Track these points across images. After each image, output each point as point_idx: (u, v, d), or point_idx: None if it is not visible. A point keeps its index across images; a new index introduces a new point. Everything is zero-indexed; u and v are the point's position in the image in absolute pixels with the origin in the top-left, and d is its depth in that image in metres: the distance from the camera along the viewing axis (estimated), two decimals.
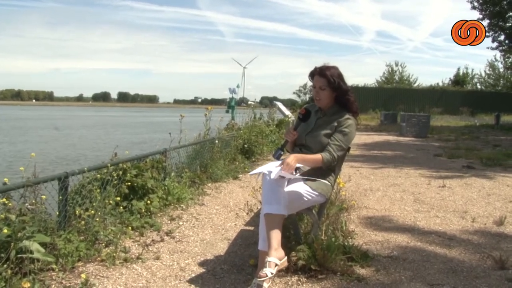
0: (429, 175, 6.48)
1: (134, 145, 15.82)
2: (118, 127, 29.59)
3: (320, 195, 2.64)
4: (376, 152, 10.04)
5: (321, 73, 2.68)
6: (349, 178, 5.13)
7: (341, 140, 2.65)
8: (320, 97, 2.71)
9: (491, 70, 39.80)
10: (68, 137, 20.01)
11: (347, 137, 2.67)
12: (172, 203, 4.20)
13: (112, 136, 20.97)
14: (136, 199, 3.73)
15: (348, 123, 2.67)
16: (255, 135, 8.20)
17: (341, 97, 2.71)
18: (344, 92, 2.70)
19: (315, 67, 2.74)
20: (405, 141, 13.19)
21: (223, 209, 4.28)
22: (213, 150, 6.01)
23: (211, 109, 6.27)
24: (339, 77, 2.69)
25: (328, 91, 2.68)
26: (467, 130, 17.59)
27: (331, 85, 2.66)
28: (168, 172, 4.57)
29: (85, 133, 22.89)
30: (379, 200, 4.78)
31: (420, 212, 4.23)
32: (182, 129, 5.24)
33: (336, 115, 2.72)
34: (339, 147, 2.65)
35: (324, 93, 2.69)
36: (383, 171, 6.96)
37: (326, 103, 2.73)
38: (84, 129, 26.12)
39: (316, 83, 2.70)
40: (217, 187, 5.27)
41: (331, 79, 2.65)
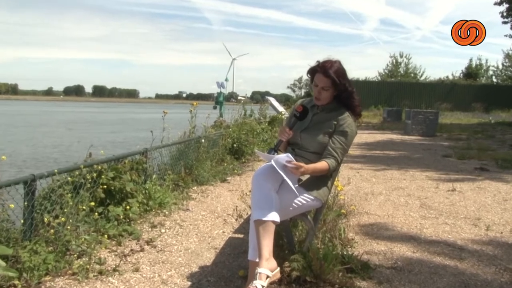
0: (437, 178, 6.54)
1: (111, 144, 15.73)
2: (93, 124, 29.40)
3: (316, 200, 2.66)
4: (378, 152, 10.11)
5: (325, 72, 2.67)
6: (348, 180, 5.17)
7: (343, 142, 2.67)
8: (321, 98, 2.73)
9: (509, 61, 39.40)
10: (35, 136, 19.83)
11: (349, 138, 2.70)
12: (153, 209, 4.19)
13: (86, 134, 20.82)
14: (113, 204, 3.72)
15: (348, 122, 2.70)
16: (245, 134, 8.21)
17: (344, 99, 2.74)
18: (348, 94, 2.72)
19: (317, 62, 2.74)
20: (411, 140, 13.30)
21: (210, 215, 4.28)
22: (199, 150, 6.00)
23: (197, 105, 6.26)
24: (344, 76, 2.70)
25: (331, 91, 2.71)
26: (481, 128, 17.65)
27: (336, 86, 2.68)
28: (149, 175, 4.56)
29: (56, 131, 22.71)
30: (381, 205, 4.82)
31: (427, 219, 4.27)
32: (165, 127, 5.23)
33: (335, 112, 2.74)
34: (342, 150, 2.68)
35: (326, 93, 2.71)
36: (386, 173, 7.01)
37: (325, 102, 2.76)
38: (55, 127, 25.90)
39: (318, 82, 2.71)
40: (203, 191, 5.27)
41: (336, 80, 2.66)
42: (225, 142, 7.33)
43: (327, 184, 2.76)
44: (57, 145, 16.00)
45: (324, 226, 3.22)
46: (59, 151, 14.32)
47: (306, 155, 2.73)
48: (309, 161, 2.69)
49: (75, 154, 9.20)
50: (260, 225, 2.39)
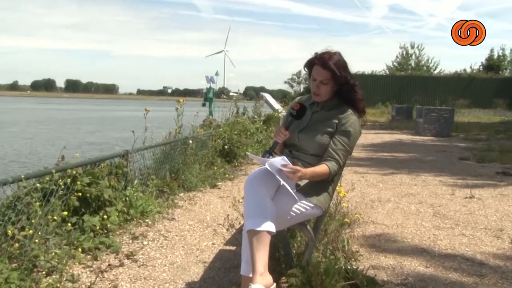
0: (452, 183, 6.58)
1: (87, 146, 15.67)
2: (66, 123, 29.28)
3: (316, 207, 2.67)
4: (386, 154, 10.16)
5: (324, 64, 2.68)
6: (352, 186, 5.19)
7: (346, 143, 2.69)
8: (321, 93, 2.74)
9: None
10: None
11: (352, 139, 2.71)
12: (134, 218, 4.20)
13: (58, 134, 20.74)
14: (88, 214, 3.71)
15: (351, 120, 2.71)
16: (237, 134, 8.23)
17: (345, 92, 2.75)
18: (350, 88, 2.74)
19: (314, 54, 2.75)
20: (422, 141, 13.37)
21: (198, 225, 4.29)
22: (186, 152, 6.01)
23: (184, 102, 6.27)
24: (345, 68, 2.71)
25: (331, 85, 2.72)
26: (503, 127, 17.68)
27: (336, 79, 2.69)
28: (130, 180, 4.56)
29: (23, 131, 22.60)
30: (389, 213, 4.85)
31: (442, 229, 4.30)
32: (148, 127, 5.23)
33: (336, 110, 2.76)
34: (345, 152, 2.69)
35: (325, 88, 2.72)
36: (395, 177, 7.05)
37: (325, 98, 2.77)
38: (21, 126, 25.79)
39: (316, 76, 2.72)
40: (190, 198, 5.29)
41: (336, 72, 2.67)
42: (215, 144, 7.34)
43: (329, 190, 2.77)
44: (26, 147, 15.92)
45: (325, 237, 3.23)
46: (28, 154, 14.26)
47: (305, 157, 2.74)
48: (308, 164, 2.70)
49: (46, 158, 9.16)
50: (254, 236, 2.40)
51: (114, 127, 25.23)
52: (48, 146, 15.71)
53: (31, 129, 23.96)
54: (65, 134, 21.29)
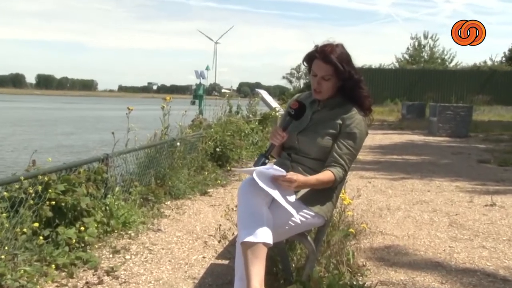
0: (471, 189, 6.62)
1: (61, 149, 15.64)
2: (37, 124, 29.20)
3: (317, 216, 2.68)
4: (396, 157, 10.19)
5: (325, 57, 2.68)
6: (358, 192, 5.18)
7: (351, 146, 2.70)
8: (322, 90, 2.74)
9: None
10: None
11: (358, 141, 2.72)
12: (115, 230, 4.19)
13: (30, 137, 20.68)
14: (63, 225, 3.70)
15: (357, 120, 2.72)
16: (230, 135, 8.24)
17: (349, 89, 2.75)
18: (355, 84, 2.74)
19: (315, 46, 2.75)
20: (437, 142, 13.42)
21: (187, 237, 4.30)
22: (173, 155, 6.02)
23: (171, 99, 6.27)
24: (348, 62, 2.71)
25: (333, 81, 2.72)
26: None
27: (339, 74, 2.69)
28: (111, 187, 4.56)
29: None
30: (399, 223, 4.87)
31: (459, 241, 4.31)
32: (131, 127, 5.23)
33: (339, 108, 2.76)
34: (350, 156, 2.70)
35: (327, 84, 2.72)
36: (405, 183, 7.08)
37: (327, 95, 2.78)
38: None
39: (317, 71, 2.72)
40: (178, 206, 5.30)
41: (339, 67, 2.66)
42: (206, 146, 7.34)
43: (332, 197, 2.78)
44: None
45: (328, 249, 3.24)
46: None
47: (305, 161, 2.75)
48: (309, 169, 2.71)
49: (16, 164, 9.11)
50: (249, 248, 2.40)
51: (93, 128, 25.17)
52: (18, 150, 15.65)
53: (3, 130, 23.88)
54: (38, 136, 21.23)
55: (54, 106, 58.12)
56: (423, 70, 35.57)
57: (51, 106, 55.47)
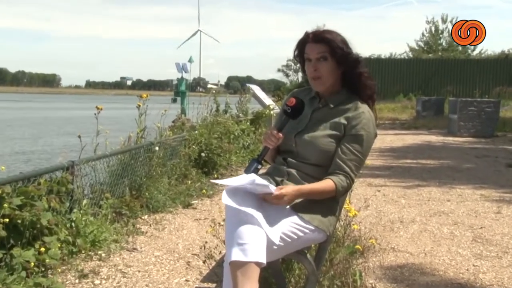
0: (498, 198, 6.66)
1: (17, 156, 15.56)
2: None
3: (317, 230, 2.68)
4: (410, 161, 10.24)
5: (317, 37, 2.74)
6: (365, 202, 5.20)
7: (358, 151, 2.71)
8: (321, 74, 2.76)
9: None
10: None
11: (365, 144, 2.73)
12: (83, 250, 4.18)
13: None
14: (20, 246, 3.65)
15: (364, 120, 2.74)
16: (218, 138, 8.25)
17: (349, 74, 2.78)
18: (353, 64, 2.77)
19: (305, 32, 2.80)
20: (458, 144, 13.47)
21: (167, 256, 4.30)
22: (151, 162, 6.02)
23: (148, 97, 6.27)
24: (344, 43, 2.76)
25: (332, 63, 2.74)
26: None
27: (335, 52, 2.72)
28: (78, 200, 4.55)
29: None
30: (414, 238, 4.89)
31: (485, 259, 4.34)
32: (101, 130, 5.22)
33: (344, 106, 2.78)
34: (357, 162, 2.71)
35: (325, 66, 2.74)
36: (421, 191, 7.13)
37: (329, 83, 2.79)
38: None
39: (311, 53, 2.76)
40: (157, 221, 5.30)
41: (334, 43, 2.71)
42: (189, 151, 7.35)
43: (334, 208, 2.80)
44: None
45: (331, 268, 3.25)
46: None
47: (304, 167, 2.76)
48: (308, 177, 2.73)
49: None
50: (239, 268, 2.41)
51: (56, 131, 25.07)
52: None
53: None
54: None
55: (8, 105, 57.65)
56: (441, 59, 35.44)
57: (4, 106, 55.04)
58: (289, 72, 65.01)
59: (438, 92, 29.27)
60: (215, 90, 11.98)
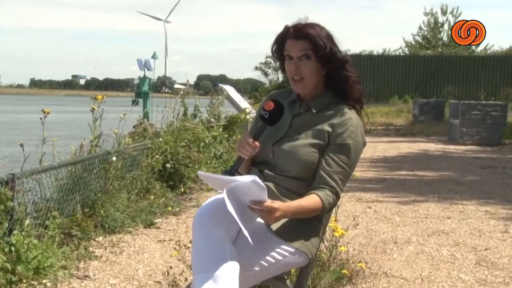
0: (505, 216, 6.72)
1: None
2: None
3: (298, 253, 2.70)
4: (405, 173, 10.31)
5: (298, 33, 2.75)
6: (354, 220, 5.23)
7: (344, 162, 2.73)
8: (303, 74, 2.77)
9: None
10: None
11: (353, 154, 2.76)
12: (25, 279, 4.11)
13: None
14: None
15: (351, 128, 2.76)
16: (185, 146, 8.22)
17: (335, 76, 2.80)
18: (339, 64, 2.79)
19: (285, 26, 2.81)
20: (460, 153, 13.59)
21: (125, 285, 4.28)
22: (107, 174, 5.99)
23: (104, 98, 6.24)
24: (329, 38, 2.78)
25: (315, 63, 2.76)
26: None
27: (318, 51, 2.73)
28: (19, 219, 4.50)
29: None
30: (410, 261, 4.92)
31: (490, 285, 4.37)
32: (47, 137, 5.17)
33: (329, 111, 2.81)
34: (343, 175, 2.73)
35: (308, 65, 2.76)
36: (418, 207, 7.18)
37: (311, 85, 2.81)
38: None
39: (292, 50, 2.77)
40: (114, 243, 5.27)
41: (318, 40, 2.72)
42: (153, 161, 7.32)
43: (317, 228, 2.81)
44: None
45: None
46: None
47: (282, 181, 2.77)
48: (288, 191, 2.74)
49: None
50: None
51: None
52: None
53: None
54: None
55: None
56: (441, 56, 35.70)
57: None
58: (268, 70, 65.43)
59: (437, 93, 29.51)
60: (182, 91, 11.96)
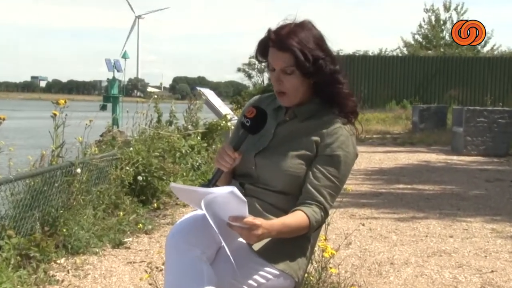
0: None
1: None
2: None
3: (283, 276, 2.69)
4: (403, 186, 10.35)
5: (280, 44, 2.70)
6: (346, 239, 5.23)
7: (334, 175, 2.72)
8: (286, 88, 2.76)
9: None
10: None
11: (343, 167, 2.75)
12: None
13: None
14: None
15: (341, 137, 2.76)
16: (159, 157, 8.22)
17: (324, 89, 2.79)
18: (328, 77, 2.76)
19: (268, 30, 2.78)
20: (464, 164, 13.66)
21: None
22: (70, 188, 5.96)
23: (67, 103, 6.21)
24: (317, 46, 2.74)
25: (299, 77, 2.74)
26: None
27: (300, 67, 2.70)
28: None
29: None
30: (408, 284, 4.93)
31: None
32: (3, 146, 5.15)
33: (316, 119, 2.81)
34: (333, 189, 2.73)
35: (291, 80, 2.74)
36: (417, 224, 7.20)
37: (298, 98, 2.80)
38: None
39: (273, 62, 2.75)
40: (78, 266, 5.23)
41: (299, 55, 2.67)
42: (122, 173, 7.29)
43: (305, 248, 2.81)
44: None
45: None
46: None
47: (267, 196, 2.77)
48: (272, 207, 2.74)
49: None
50: None
51: None
52: None
53: None
54: None
55: None
56: (443, 57, 35.98)
57: None
58: (252, 72, 65.37)
59: (439, 98, 29.73)
60: (156, 95, 11.93)
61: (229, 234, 2.50)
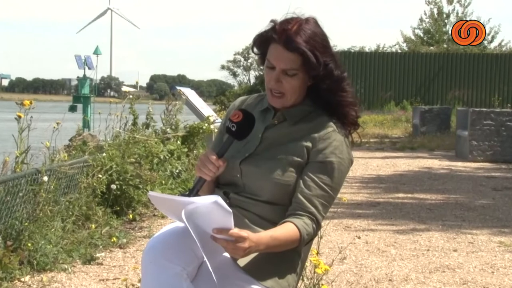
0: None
1: None
2: None
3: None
4: (403, 195, 10.38)
5: (289, 42, 2.68)
6: (341, 253, 5.24)
7: (326, 184, 2.73)
8: (285, 90, 2.76)
9: None
10: None
11: (337, 174, 2.76)
12: None
13: None
14: None
15: (335, 143, 2.76)
16: (135, 163, 8.21)
17: (325, 91, 2.79)
18: (334, 85, 2.77)
19: (271, 22, 2.77)
20: (469, 171, 13.71)
21: None
22: (36, 198, 5.93)
23: (33, 104, 6.21)
24: (325, 49, 2.74)
25: (302, 79, 2.75)
26: None
27: (310, 69, 2.70)
28: None
29: None
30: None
31: None
32: None
33: (307, 123, 2.82)
34: (326, 200, 2.73)
35: (293, 83, 2.74)
36: (418, 237, 7.22)
37: (293, 100, 2.80)
38: None
39: (276, 61, 2.74)
40: (45, 284, 5.22)
41: (311, 58, 2.66)
42: (94, 181, 7.28)
43: (295, 262, 2.82)
44: None
45: None
46: None
47: (253, 206, 2.77)
48: (259, 219, 2.75)
49: None
50: None
51: None
52: None
53: None
54: None
55: None
56: (446, 54, 35.96)
57: None
58: (238, 70, 65.56)
59: (442, 99, 29.81)
60: (132, 95, 11.92)
61: (212, 248, 2.49)
